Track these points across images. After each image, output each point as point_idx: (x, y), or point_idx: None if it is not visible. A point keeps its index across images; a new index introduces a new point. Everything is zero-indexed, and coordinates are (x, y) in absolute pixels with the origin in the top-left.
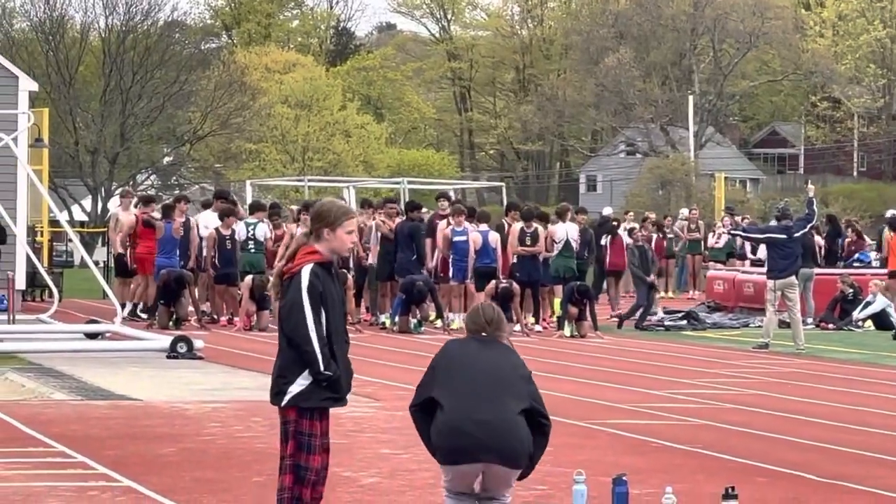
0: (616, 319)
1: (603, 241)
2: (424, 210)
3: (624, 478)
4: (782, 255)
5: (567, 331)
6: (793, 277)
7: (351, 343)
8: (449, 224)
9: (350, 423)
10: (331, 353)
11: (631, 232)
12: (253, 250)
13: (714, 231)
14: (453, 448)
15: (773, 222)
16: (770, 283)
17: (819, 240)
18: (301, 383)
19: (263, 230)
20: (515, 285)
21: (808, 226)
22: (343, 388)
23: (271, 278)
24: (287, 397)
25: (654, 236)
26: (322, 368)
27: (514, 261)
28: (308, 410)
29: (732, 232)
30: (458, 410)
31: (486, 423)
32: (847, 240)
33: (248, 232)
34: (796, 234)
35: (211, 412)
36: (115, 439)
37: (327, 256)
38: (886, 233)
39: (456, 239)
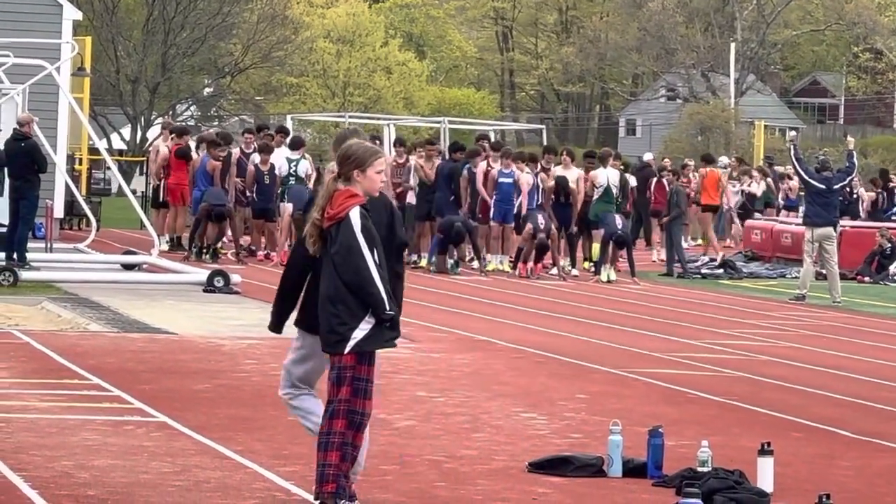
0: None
1: (645, 185)
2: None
3: (660, 430)
4: (821, 204)
5: (604, 276)
6: (831, 229)
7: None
8: (490, 166)
9: (386, 364)
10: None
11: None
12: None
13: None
14: None
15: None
16: (808, 233)
17: (865, 193)
18: (364, 328)
19: (305, 166)
20: (553, 233)
21: (848, 178)
22: (399, 326)
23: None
24: (351, 343)
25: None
26: (387, 309)
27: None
28: (367, 355)
29: (792, 153)
30: None
31: None
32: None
33: (290, 167)
34: (836, 186)
35: (247, 348)
36: (151, 373)
37: (363, 198)
38: None
39: (501, 180)
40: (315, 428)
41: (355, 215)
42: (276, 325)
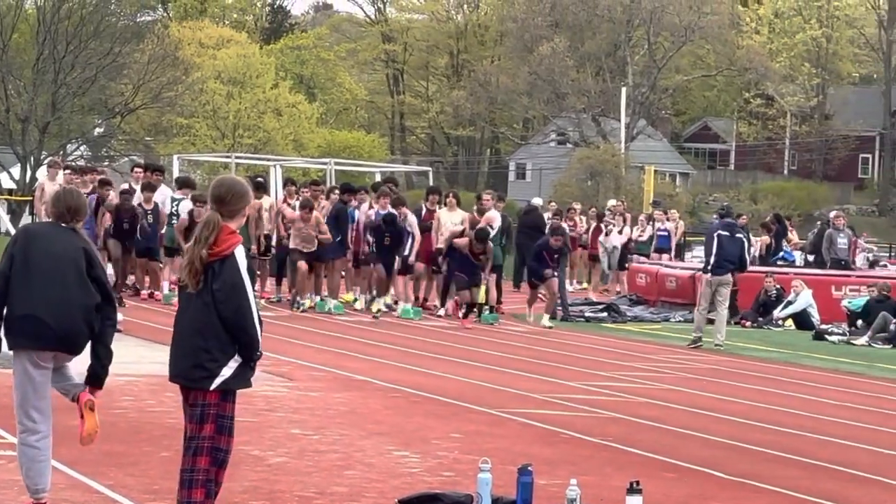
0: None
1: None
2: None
3: (529, 468)
4: (723, 253)
5: (490, 318)
6: (729, 275)
7: (266, 322)
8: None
9: (262, 401)
10: None
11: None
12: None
13: (640, 224)
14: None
15: (716, 218)
16: (707, 277)
17: (766, 238)
18: (232, 366)
19: (188, 206)
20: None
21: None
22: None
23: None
24: (218, 380)
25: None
26: (260, 350)
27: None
28: (231, 393)
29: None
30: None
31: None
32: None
33: (172, 206)
34: (737, 235)
35: (124, 385)
36: None
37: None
38: None
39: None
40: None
41: (240, 253)
42: None
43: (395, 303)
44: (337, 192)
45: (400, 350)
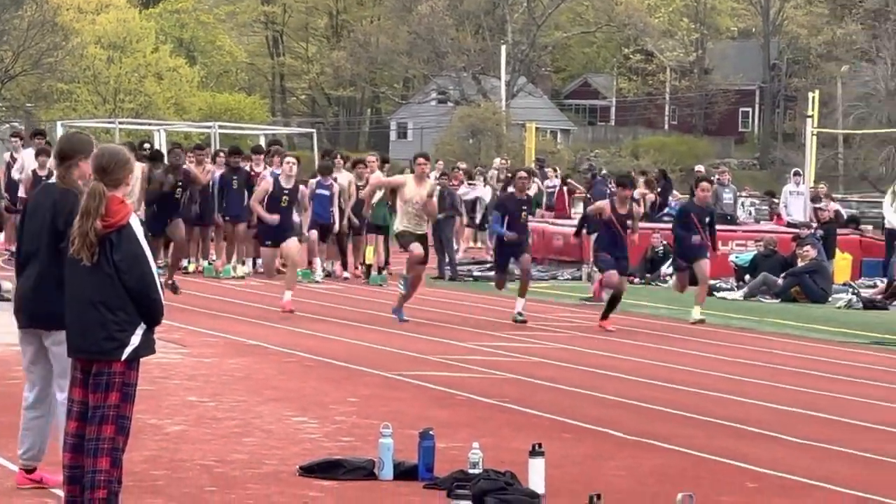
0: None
1: None
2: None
3: (431, 432)
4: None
5: (378, 279)
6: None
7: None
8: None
9: (157, 369)
10: None
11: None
12: None
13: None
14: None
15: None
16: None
17: (651, 195)
18: (139, 334)
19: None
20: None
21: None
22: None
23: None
24: (129, 349)
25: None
26: (163, 314)
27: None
28: (137, 361)
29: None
30: None
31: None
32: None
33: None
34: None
35: (16, 355)
36: None
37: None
38: None
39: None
40: None
41: (136, 223)
42: None
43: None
44: (223, 155)
45: (292, 314)
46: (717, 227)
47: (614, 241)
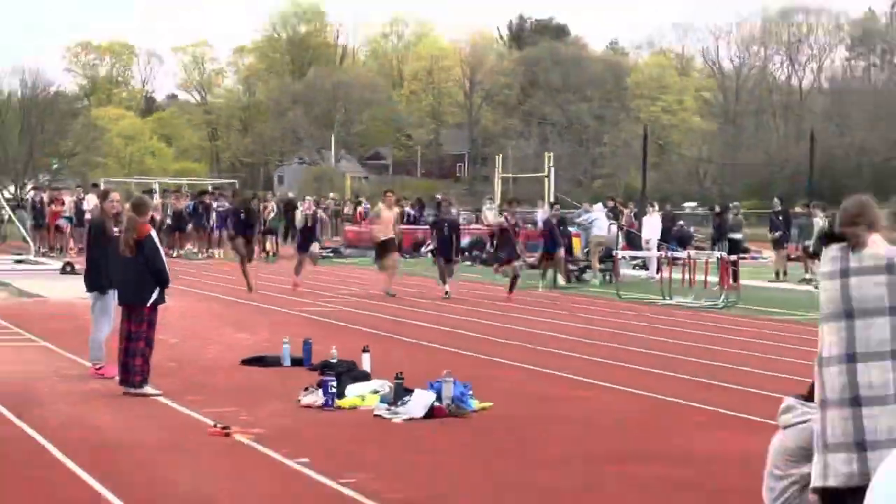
0: None
1: None
2: None
3: (310, 340)
4: None
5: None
6: None
7: None
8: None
9: (165, 311)
10: None
11: None
12: None
13: None
14: None
15: None
16: None
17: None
18: (156, 292)
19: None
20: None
21: None
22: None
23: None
24: (151, 299)
25: None
26: (170, 282)
27: None
28: (156, 307)
29: None
30: None
31: None
32: None
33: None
34: None
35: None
36: (40, 320)
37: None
38: None
39: None
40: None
41: (154, 234)
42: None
43: None
44: (191, 194)
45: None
46: None
47: None
